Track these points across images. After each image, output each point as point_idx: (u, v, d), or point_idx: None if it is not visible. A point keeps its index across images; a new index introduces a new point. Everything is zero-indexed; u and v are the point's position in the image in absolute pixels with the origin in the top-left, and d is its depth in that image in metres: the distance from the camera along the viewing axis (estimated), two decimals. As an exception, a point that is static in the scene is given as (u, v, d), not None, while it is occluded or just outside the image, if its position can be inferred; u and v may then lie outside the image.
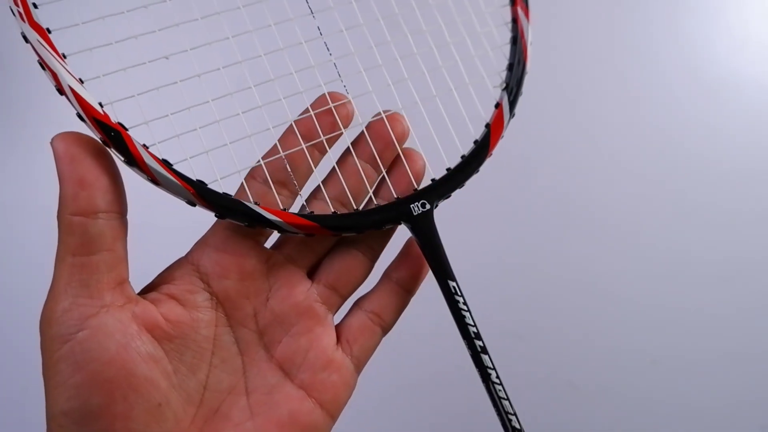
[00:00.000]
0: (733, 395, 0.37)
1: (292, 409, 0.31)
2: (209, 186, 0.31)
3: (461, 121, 0.37)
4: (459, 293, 0.34)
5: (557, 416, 0.66)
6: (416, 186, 0.35)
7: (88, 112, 0.29)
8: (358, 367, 0.34)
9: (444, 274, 0.34)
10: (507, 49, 0.39)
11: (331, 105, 0.33)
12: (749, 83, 0.81)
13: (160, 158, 0.30)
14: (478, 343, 0.34)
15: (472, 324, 0.34)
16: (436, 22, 0.38)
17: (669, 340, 0.65)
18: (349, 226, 0.33)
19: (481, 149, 0.36)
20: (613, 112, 0.78)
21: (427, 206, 0.34)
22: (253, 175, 0.32)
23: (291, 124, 0.33)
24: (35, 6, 0.29)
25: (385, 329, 0.35)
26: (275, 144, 0.33)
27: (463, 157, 0.36)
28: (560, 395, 0.67)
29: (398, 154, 0.35)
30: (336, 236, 0.34)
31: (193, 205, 0.30)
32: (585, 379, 0.66)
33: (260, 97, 0.33)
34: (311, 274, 0.34)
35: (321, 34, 0.34)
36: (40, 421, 0.28)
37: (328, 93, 0.34)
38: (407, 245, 0.35)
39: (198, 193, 0.30)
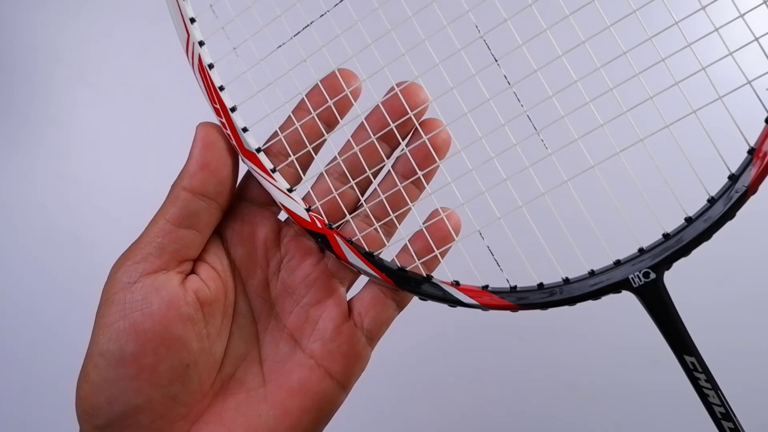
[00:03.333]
0: (733, 395, 0.26)
1: (302, 378, 0.32)
2: (408, 271, 0.32)
3: (704, 146, 0.28)
4: (700, 369, 0.29)
5: (557, 416, 0.62)
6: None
7: (298, 223, 0.32)
8: (371, 339, 0.33)
9: (680, 348, 0.29)
10: (789, 28, 0.27)
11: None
12: None
13: (362, 252, 0.32)
14: (728, 425, 0.29)
15: (719, 404, 0.29)
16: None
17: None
18: (558, 301, 0.30)
19: (741, 185, 0.27)
20: None
21: (652, 275, 0.29)
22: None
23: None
24: (245, 130, 0.32)
25: (400, 303, 0.33)
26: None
27: (711, 200, 0.28)
28: (560, 395, 0.64)
29: None
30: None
31: (395, 291, 0.32)
32: (585, 379, 0.64)
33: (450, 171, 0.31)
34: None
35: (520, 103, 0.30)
36: (41, 422, 0.31)
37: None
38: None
39: (397, 284, 0.32)
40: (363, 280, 0.33)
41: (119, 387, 0.29)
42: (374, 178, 0.33)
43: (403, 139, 0.32)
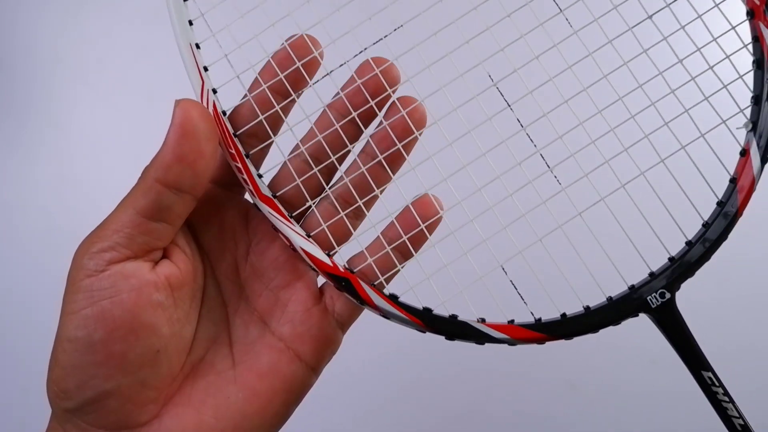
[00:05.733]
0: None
1: (271, 360, 0.32)
2: (435, 312, 0.32)
3: (694, 179, 0.32)
4: (717, 383, 0.31)
5: (557, 416, 0.63)
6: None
7: (320, 267, 0.31)
8: (342, 324, 0.33)
9: (697, 365, 0.31)
10: (749, 77, 0.32)
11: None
12: None
13: (387, 294, 0.32)
14: (750, 437, 0.30)
15: (737, 416, 0.30)
16: (653, 59, 0.32)
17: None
18: (582, 329, 0.31)
19: (728, 211, 0.31)
20: None
21: (667, 296, 0.31)
22: None
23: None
24: (260, 176, 0.32)
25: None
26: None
27: (706, 224, 0.32)
28: (560, 395, 0.64)
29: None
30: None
31: (423, 332, 0.32)
32: (585, 379, 0.65)
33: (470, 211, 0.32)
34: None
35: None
36: (41, 422, 0.30)
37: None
38: (405, 209, 0.32)
39: (426, 323, 0.31)
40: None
41: (88, 373, 0.28)
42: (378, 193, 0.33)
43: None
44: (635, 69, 0.32)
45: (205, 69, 0.32)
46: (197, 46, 0.32)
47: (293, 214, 0.32)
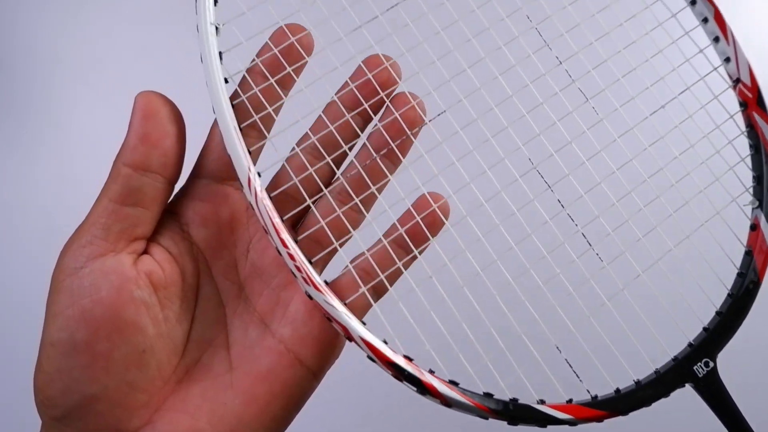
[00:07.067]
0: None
1: (270, 363, 0.30)
2: (496, 397, 0.31)
3: (715, 254, 0.34)
4: (763, 449, 0.32)
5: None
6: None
7: (378, 356, 0.30)
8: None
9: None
10: (748, 160, 0.36)
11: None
12: None
13: (447, 380, 0.31)
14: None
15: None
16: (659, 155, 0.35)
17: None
18: (637, 404, 0.32)
19: (750, 280, 0.34)
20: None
21: (711, 364, 0.32)
22: None
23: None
24: (310, 261, 0.30)
25: (378, 290, 0.32)
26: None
27: (731, 295, 0.34)
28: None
29: None
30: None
31: (486, 419, 0.31)
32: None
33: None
34: (295, 226, 0.33)
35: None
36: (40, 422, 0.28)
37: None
38: (413, 206, 0.32)
39: (490, 409, 0.31)
40: (337, 262, 0.32)
41: (73, 376, 0.28)
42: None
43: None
44: (658, 153, 0.35)
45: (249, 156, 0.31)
46: (240, 130, 0.31)
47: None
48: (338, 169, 0.33)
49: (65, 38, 0.72)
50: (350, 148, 0.33)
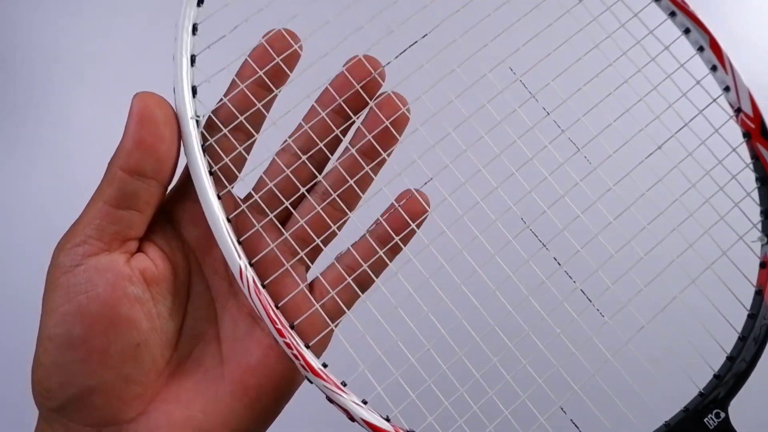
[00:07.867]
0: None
1: (260, 356, 0.31)
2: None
3: (723, 296, 0.33)
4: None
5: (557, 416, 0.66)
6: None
7: (379, 433, 0.31)
8: (334, 319, 0.33)
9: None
10: (755, 194, 0.34)
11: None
12: None
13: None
14: None
15: None
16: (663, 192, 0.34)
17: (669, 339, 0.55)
18: (645, 460, 0.32)
19: (762, 322, 0.33)
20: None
21: (722, 415, 0.32)
22: None
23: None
24: (307, 347, 0.31)
25: (362, 285, 0.33)
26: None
27: (742, 337, 0.33)
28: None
29: None
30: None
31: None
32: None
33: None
34: (283, 224, 0.34)
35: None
36: None
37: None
38: (393, 204, 0.33)
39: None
40: (325, 258, 0.33)
41: (70, 370, 0.29)
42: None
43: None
44: (658, 197, 0.34)
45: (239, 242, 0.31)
46: (228, 220, 0.31)
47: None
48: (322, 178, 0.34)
49: (64, 38, 0.72)
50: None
